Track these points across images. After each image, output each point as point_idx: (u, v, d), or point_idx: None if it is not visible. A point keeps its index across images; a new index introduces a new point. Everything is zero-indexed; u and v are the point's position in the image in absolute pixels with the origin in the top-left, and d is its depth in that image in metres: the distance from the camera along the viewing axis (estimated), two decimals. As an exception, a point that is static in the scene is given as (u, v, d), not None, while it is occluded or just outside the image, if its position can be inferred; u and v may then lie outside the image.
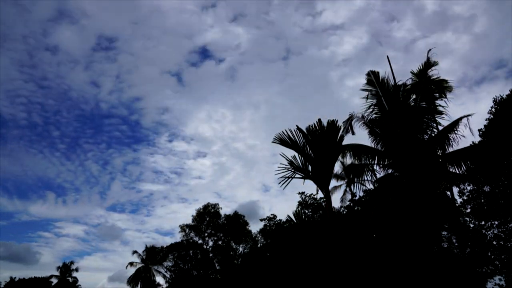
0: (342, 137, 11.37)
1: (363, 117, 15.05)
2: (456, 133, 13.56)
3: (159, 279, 49.75)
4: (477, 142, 17.74)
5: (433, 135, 14.36)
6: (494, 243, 17.33)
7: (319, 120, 11.00)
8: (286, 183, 10.89)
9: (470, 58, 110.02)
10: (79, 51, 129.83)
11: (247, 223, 44.01)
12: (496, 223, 17.45)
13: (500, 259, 16.94)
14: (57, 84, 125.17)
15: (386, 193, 14.37)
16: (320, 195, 27.16)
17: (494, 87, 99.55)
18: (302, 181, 11.25)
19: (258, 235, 39.09)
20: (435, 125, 14.70)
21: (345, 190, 32.89)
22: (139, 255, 51.22)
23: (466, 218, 18.05)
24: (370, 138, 14.99)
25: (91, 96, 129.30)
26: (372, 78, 15.01)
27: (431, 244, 13.51)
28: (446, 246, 16.03)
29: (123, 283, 54.82)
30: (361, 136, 17.19)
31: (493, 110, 18.39)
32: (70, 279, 59.25)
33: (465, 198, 18.38)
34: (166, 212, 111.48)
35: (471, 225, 17.98)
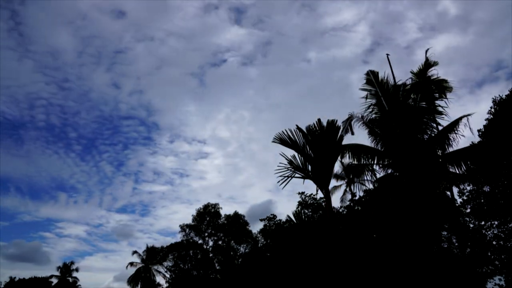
0: (341, 137, 11.38)
1: (362, 117, 15.04)
2: (456, 133, 13.54)
3: (159, 279, 49.85)
4: (476, 142, 17.74)
5: (433, 135, 14.34)
6: (494, 243, 17.32)
7: (318, 120, 11.00)
8: (286, 183, 10.92)
9: (471, 59, 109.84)
10: (102, 53, 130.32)
11: (247, 223, 44.02)
12: (496, 223, 17.44)
13: (500, 259, 16.93)
14: (78, 85, 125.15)
15: (386, 193, 14.36)
16: (320, 195, 27.16)
17: (496, 88, 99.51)
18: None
19: (259, 235, 39.11)
20: (435, 125, 14.69)
21: (345, 190, 32.89)
22: (139, 255, 51.28)
23: (466, 218, 18.04)
24: (370, 138, 14.98)
25: (111, 98, 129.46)
26: (371, 78, 14.99)
27: (431, 244, 13.50)
28: (446, 246, 16.03)
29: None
30: (360, 136, 17.20)
31: (492, 110, 18.37)
32: (70, 279, 59.33)
33: (465, 198, 18.37)
34: (167, 213, 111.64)
35: (471, 225, 17.97)
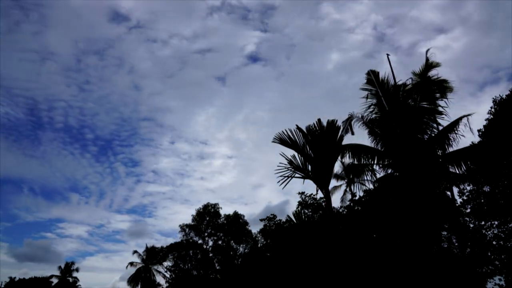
0: (341, 137, 11.38)
1: (362, 117, 15.03)
2: (456, 133, 13.53)
3: (159, 279, 49.86)
4: (477, 142, 17.73)
5: (433, 135, 14.33)
6: (494, 243, 17.31)
7: (318, 120, 11.00)
8: (286, 183, 10.92)
9: (472, 60, 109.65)
10: (125, 55, 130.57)
11: (247, 223, 44.03)
12: (496, 223, 17.43)
13: (500, 259, 16.93)
14: (99, 87, 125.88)
15: (386, 193, 14.36)
16: (320, 195, 27.15)
17: (497, 89, 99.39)
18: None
19: (258, 235, 39.11)
20: (435, 125, 14.68)
21: (345, 190, 32.90)
22: (139, 255, 51.28)
23: (466, 218, 18.04)
24: (370, 138, 14.97)
25: (131, 100, 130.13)
26: (372, 78, 14.98)
27: (431, 244, 13.50)
28: (446, 246, 16.03)
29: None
30: (361, 136, 17.17)
31: (492, 110, 18.37)
32: (70, 279, 59.33)
33: (465, 198, 18.36)
34: (168, 213, 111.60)
35: (471, 225, 17.97)
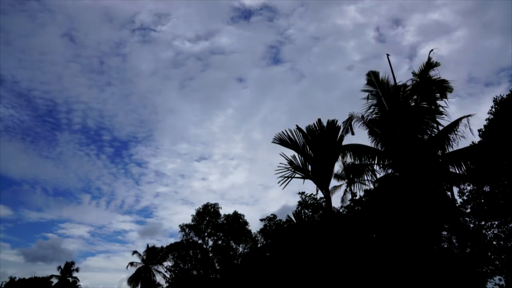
0: (342, 137, 11.36)
1: (363, 117, 15.03)
2: (456, 133, 13.53)
3: (159, 279, 49.87)
4: (477, 142, 17.74)
5: (433, 135, 14.34)
6: (494, 243, 17.34)
7: (318, 120, 10.99)
8: (286, 183, 10.91)
9: (473, 61, 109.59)
10: (149, 57, 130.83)
11: (246, 222, 44.03)
12: (496, 223, 17.46)
13: (500, 259, 16.95)
14: (120, 89, 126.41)
15: (386, 193, 14.35)
16: (320, 195, 27.16)
17: (498, 90, 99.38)
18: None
19: (258, 235, 39.12)
20: (435, 125, 14.67)
21: (345, 190, 32.93)
22: (139, 255, 51.29)
23: (466, 218, 18.06)
24: (370, 138, 14.97)
25: (151, 101, 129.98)
26: (372, 78, 15.00)
27: (431, 244, 13.51)
28: (446, 246, 16.04)
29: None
30: (361, 136, 17.18)
31: (493, 110, 18.39)
32: (70, 279, 59.32)
33: (465, 198, 18.39)
34: (171, 213, 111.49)
35: (471, 225, 17.99)
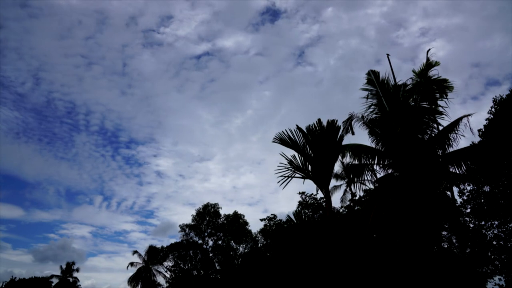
0: (342, 137, 11.37)
1: (363, 117, 15.02)
2: (456, 133, 13.53)
3: (160, 279, 49.86)
4: (477, 142, 17.73)
5: (433, 135, 14.33)
6: (494, 243, 17.33)
7: (318, 120, 10.99)
8: (286, 183, 10.91)
9: (474, 61, 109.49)
10: (172, 59, 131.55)
11: (246, 223, 44.03)
12: (496, 223, 17.45)
13: (500, 259, 16.94)
14: (141, 91, 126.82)
15: (386, 193, 14.34)
16: (320, 195, 27.19)
17: (498, 91, 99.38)
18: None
19: (258, 235, 39.13)
20: (435, 125, 14.67)
21: (345, 190, 32.88)
22: (139, 255, 51.28)
23: (466, 218, 18.05)
24: (370, 138, 14.95)
25: (170, 104, 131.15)
26: (372, 78, 14.98)
27: (431, 244, 13.50)
28: (446, 246, 16.04)
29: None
30: (361, 136, 17.20)
31: (493, 110, 18.38)
32: (70, 279, 59.32)
33: (465, 198, 18.39)
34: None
35: (471, 225, 17.99)
